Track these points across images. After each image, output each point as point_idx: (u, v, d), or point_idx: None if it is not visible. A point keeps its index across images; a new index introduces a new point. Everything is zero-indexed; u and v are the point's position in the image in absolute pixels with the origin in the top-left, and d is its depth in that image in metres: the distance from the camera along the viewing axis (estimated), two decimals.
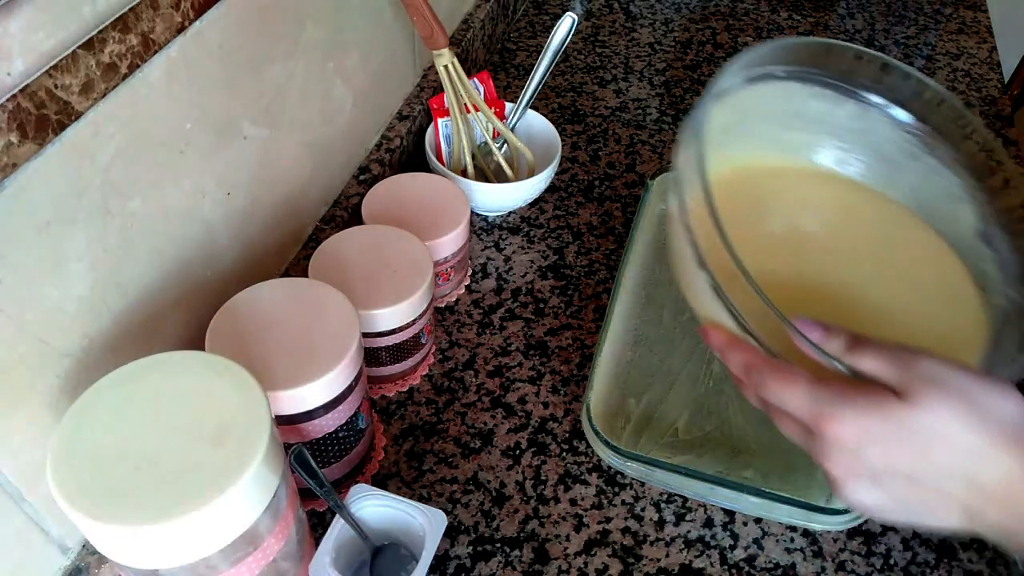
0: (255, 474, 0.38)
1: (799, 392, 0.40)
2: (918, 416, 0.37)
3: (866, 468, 0.39)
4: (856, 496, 0.40)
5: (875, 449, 0.38)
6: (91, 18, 0.40)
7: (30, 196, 0.40)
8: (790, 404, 0.41)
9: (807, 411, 0.40)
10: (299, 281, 0.54)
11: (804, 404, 0.40)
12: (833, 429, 0.39)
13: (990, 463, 0.37)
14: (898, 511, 0.40)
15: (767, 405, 0.44)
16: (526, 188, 0.76)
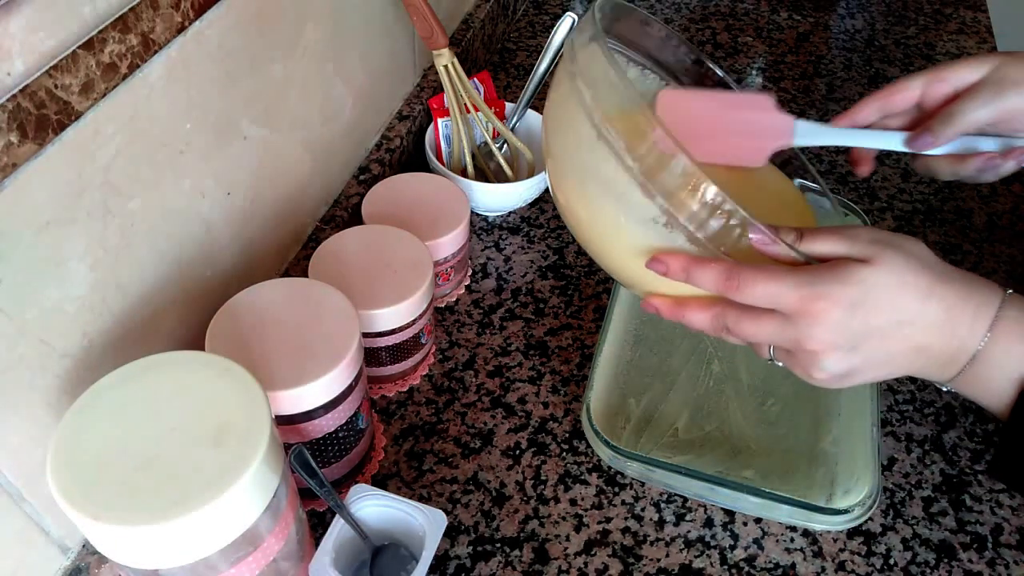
0: (255, 474, 0.38)
1: (788, 281, 0.42)
2: (885, 274, 0.42)
3: (848, 336, 0.42)
4: (835, 367, 0.44)
5: (859, 313, 0.42)
6: (91, 18, 0.40)
7: (30, 196, 0.40)
8: (778, 296, 0.43)
9: (796, 297, 0.42)
10: (299, 281, 0.54)
11: (793, 291, 0.42)
12: (820, 305, 0.42)
13: (935, 299, 0.43)
14: (864, 370, 0.44)
15: (743, 321, 0.45)
16: (526, 188, 0.76)
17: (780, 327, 0.44)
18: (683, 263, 0.45)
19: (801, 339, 0.43)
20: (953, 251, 0.82)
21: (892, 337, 0.43)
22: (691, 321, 0.47)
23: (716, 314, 0.46)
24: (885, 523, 0.60)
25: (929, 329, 0.43)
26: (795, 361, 0.45)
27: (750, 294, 0.43)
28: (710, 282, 0.44)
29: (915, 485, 0.62)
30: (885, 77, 1.05)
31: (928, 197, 0.88)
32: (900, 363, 0.45)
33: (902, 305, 0.43)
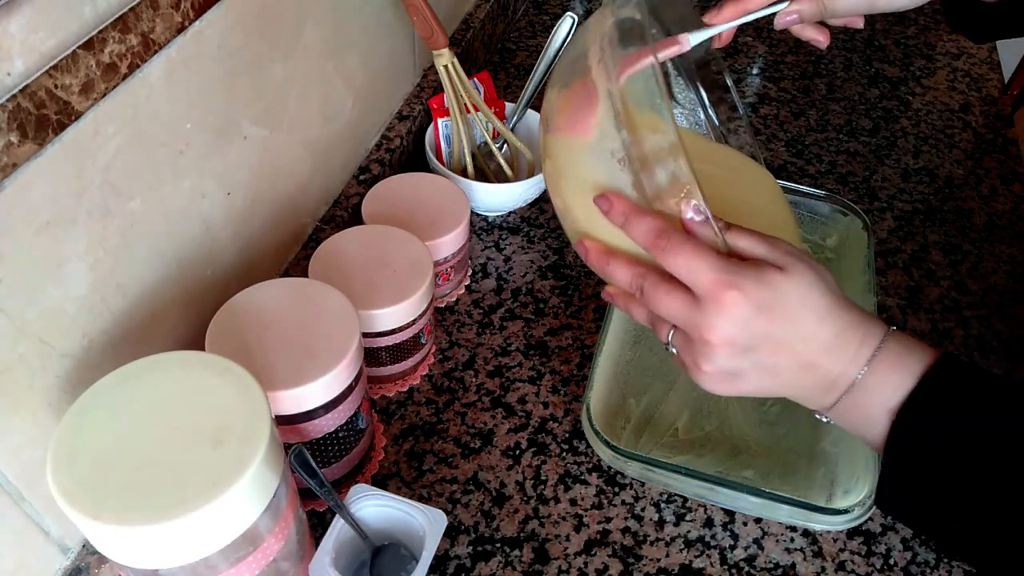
0: (255, 474, 0.38)
1: (709, 259, 0.43)
2: (795, 286, 0.43)
3: (746, 335, 0.43)
4: (725, 363, 0.45)
5: (763, 316, 0.43)
6: (91, 18, 0.40)
7: (30, 196, 0.40)
8: (698, 271, 0.43)
9: (713, 279, 0.43)
10: (299, 281, 0.54)
11: (712, 272, 0.43)
12: (732, 296, 0.43)
13: (830, 321, 0.44)
14: (749, 376, 0.45)
15: (659, 288, 0.45)
16: (526, 188, 0.76)
17: (688, 307, 0.44)
18: (626, 206, 0.45)
19: (702, 325, 0.44)
20: (953, 251, 0.82)
21: (785, 350, 0.44)
22: (612, 272, 0.47)
23: (638, 273, 0.46)
24: (885, 523, 0.60)
25: (819, 349, 0.44)
26: (689, 350, 0.46)
27: (673, 259, 0.44)
28: (642, 234, 0.45)
29: None
30: (885, 77, 1.05)
31: (928, 197, 0.88)
32: (785, 379, 0.46)
33: (802, 319, 0.44)
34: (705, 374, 0.46)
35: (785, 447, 0.63)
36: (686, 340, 0.46)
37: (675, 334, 0.47)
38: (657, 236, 0.44)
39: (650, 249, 0.45)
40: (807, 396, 0.47)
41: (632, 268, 0.47)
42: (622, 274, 0.47)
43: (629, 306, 0.50)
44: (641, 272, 0.46)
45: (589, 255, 0.49)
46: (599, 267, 0.49)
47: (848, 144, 0.94)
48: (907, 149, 0.94)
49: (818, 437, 0.63)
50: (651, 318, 0.48)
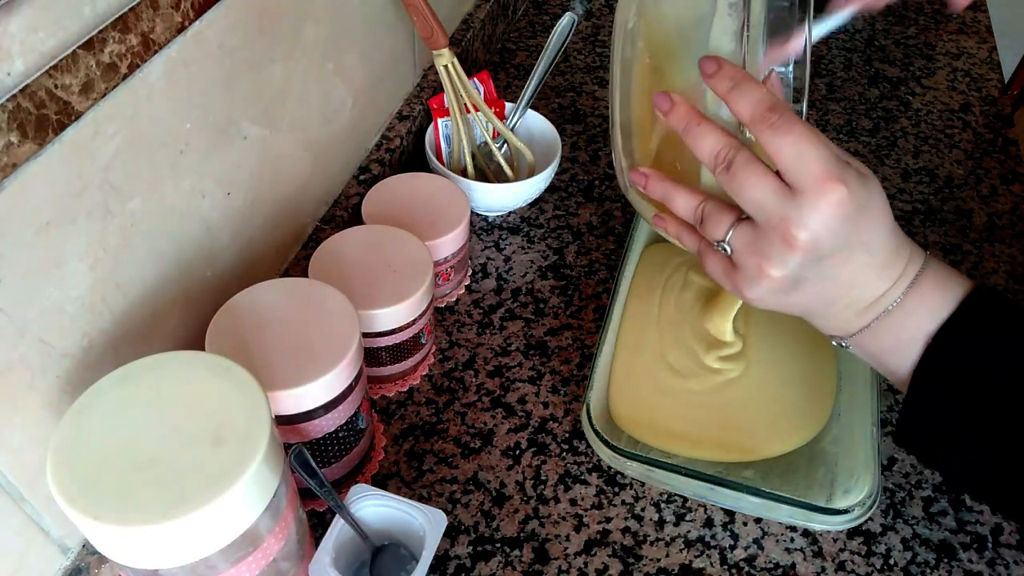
0: (255, 474, 0.38)
1: (821, 147, 0.41)
2: (880, 193, 0.42)
3: (831, 241, 0.41)
4: (794, 269, 0.43)
5: (853, 220, 0.41)
6: (91, 18, 0.40)
7: (30, 196, 0.40)
8: (807, 157, 0.40)
9: (821, 169, 0.40)
10: (299, 281, 0.54)
11: (822, 161, 0.40)
12: (838, 192, 0.40)
13: (892, 236, 0.43)
14: (806, 287, 0.44)
15: (754, 164, 0.42)
16: (526, 188, 0.76)
17: (780, 196, 0.41)
18: (736, 71, 0.42)
19: (792, 220, 0.41)
20: (953, 251, 0.82)
21: (853, 261, 0.42)
22: (701, 135, 0.44)
23: (730, 144, 0.43)
24: (885, 523, 0.60)
25: (877, 264, 0.43)
26: (755, 250, 0.43)
27: (782, 138, 0.40)
28: (753, 100, 0.41)
29: (915, 485, 0.62)
30: (885, 77, 1.05)
31: (928, 197, 0.88)
32: (834, 294, 0.44)
33: (878, 229, 0.42)
34: (767, 279, 0.43)
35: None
36: (757, 238, 0.43)
37: (738, 231, 0.44)
38: (769, 108, 0.41)
39: (755, 123, 0.41)
40: (838, 317, 0.45)
41: (725, 136, 0.43)
42: (711, 140, 0.43)
43: (670, 191, 0.46)
44: (734, 144, 0.43)
45: (676, 110, 0.45)
46: (689, 126, 0.44)
47: (848, 144, 0.94)
48: (907, 149, 0.94)
49: (818, 437, 0.63)
50: (702, 212, 0.45)
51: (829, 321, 0.46)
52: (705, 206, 0.46)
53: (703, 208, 0.46)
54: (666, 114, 0.46)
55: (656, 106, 0.46)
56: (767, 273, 0.43)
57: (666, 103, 0.46)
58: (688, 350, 0.68)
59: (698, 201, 0.46)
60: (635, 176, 0.49)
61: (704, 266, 0.48)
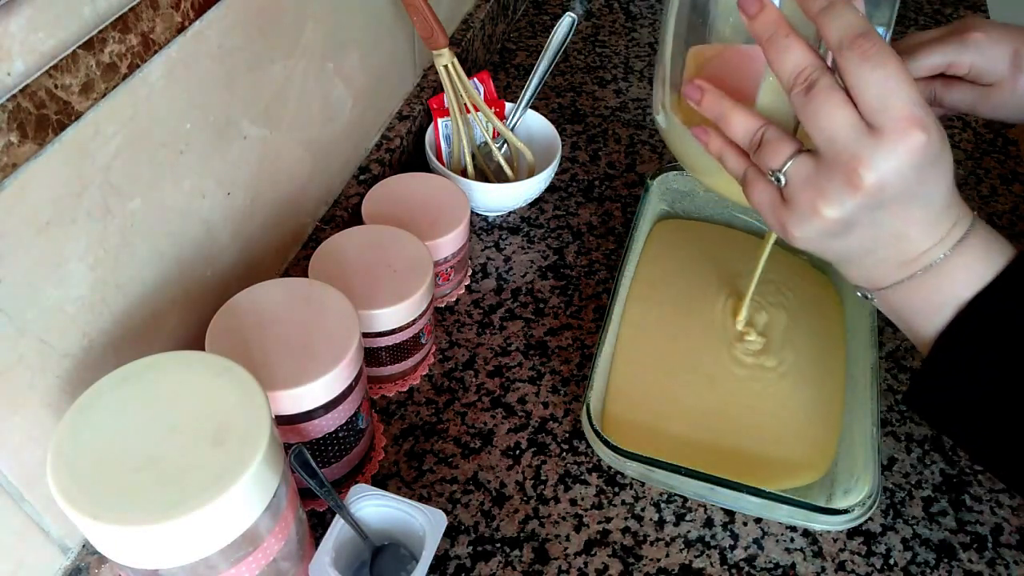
0: (255, 474, 0.38)
1: (911, 87, 0.38)
2: (947, 146, 0.40)
3: (897, 186, 0.39)
4: (850, 213, 0.41)
5: (925, 170, 0.39)
6: (91, 18, 0.40)
7: (30, 196, 0.40)
8: (896, 95, 0.38)
9: (908, 111, 0.38)
10: (299, 281, 0.54)
11: (910, 102, 0.38)
12: (919, 138, 0.38)
13: (949, 192, 0.41)
14: (854, 233, 0.42)
15: (834, 91, 0.40)
16: (526, 188, 0.76)
17: (858, 131, 0.39)
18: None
19: (864, 159, 0.38)
20: None
21: (909, 212, 0.41)
22: (788, 48, 0.41)
23: (816, 64, 0.40)
24: (885, 523, 0.60)
25: (927, 219, 0.41)
26: (813, 186, 0.41)
27: (872, 71, 0.38)
28: (846, 24, 0.38)
29: (915, 485, 0.62)
30: None
31: None
32: (880, 243, 0.42)
33: (942, 183, 0.40)
34: (819, 219, 0.41)
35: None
36: (819, 172, 0.40)
37: (798, 162, 0.41)
38: (862, 35, 0.38)
39: (844, 49, 0.38)
40: (873, 267, 0.43)
41: (811, 54, 0.40)
42: (797, 57, 0.40)
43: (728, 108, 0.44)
44: (819, 66, 0.40)
45: (766, 17, 0.42)
46: (776, 40, 0.41)
47: None
48: None
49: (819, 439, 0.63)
50: (760, 136, 0.43)
51: (863, 271, 0.44)
52: (767, 131, 0.43)
53: (764, 132, 0.43)
54: (752, 18, 0.42)
55: (742, 8, 0.42)
56: (821, 212, 0.41)
57: (755, 5, 0.42)
58: (690, 352, 0.68)
59: (759, 124, 0.44)
60: (689, 89, 0.45)
61: (748, 195, 0.46)
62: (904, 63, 0.39)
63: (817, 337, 0.69)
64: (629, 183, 0.87)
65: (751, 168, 0.45)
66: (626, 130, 0.93)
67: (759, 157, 0.44)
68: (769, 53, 0.42)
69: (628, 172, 0.88)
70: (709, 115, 0.46)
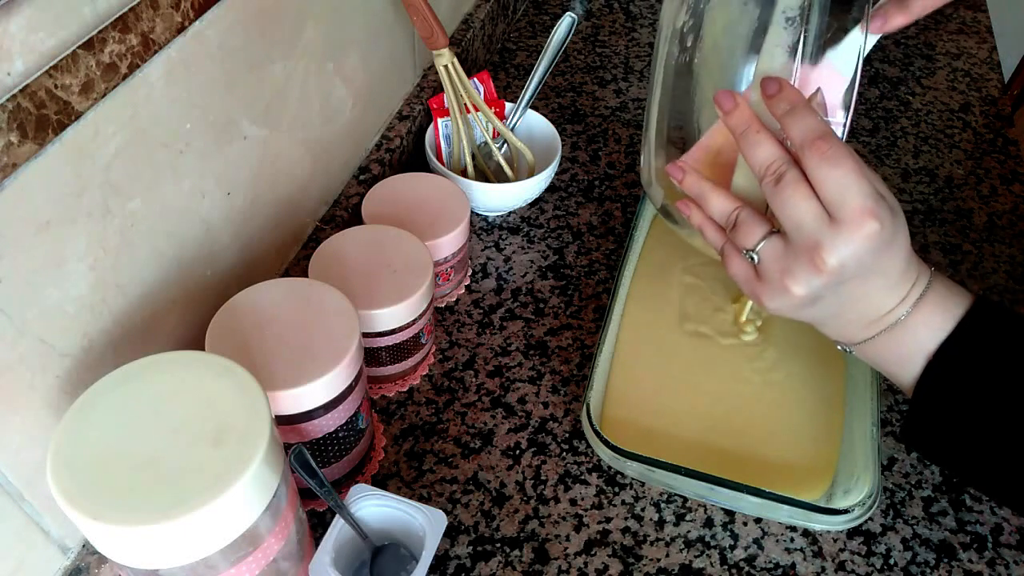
0: (255, 474, 0.38)
1: (864, 183, 0.42)
2: (903, 225, 0.44)
3: (854, 268, 0.43)
4: (816, 290, 0.44)
5: (879, 252, 0.43)
6: (91, 18, 0.40)
7: (30, 196, 0.40)
8: (851, 189, 0.42)
9: (860, 204, 0.42)
10: (299, 281, 0.54)
11: (862, 196, 0.42)
12: (872, 228, 0.42)
13: (907, 261, 0.45)
14: (824, 304, 0.46)
15: (801, 184, 0.43)
16: (526, 188, 0.76)
17: (820, 220, 0.43)
18: (797, 96, 0.44)
19: (825, 247, 0.43)
20: (953, 251, 0.82)
21: (869, 283, 0.45)
22: (758, 143, 0.45)
23: (784, 158, 0.45)
24: (885, 523, 0.60)
25: (888, 285, 0.45)
26: (781, 265, 0.45)
27: (830, 169, 0.42)
28: (807, 127, 0.43)
29: (915, 485, 0.62)
30: (885, 77, 1.05)
31: (928, 197, 0.88)
32: (845, 309, 0.46)
33: (898, 258, 0.44)
34: (788, 295, 0.45)
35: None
36: (787, 254, 0.45)
37: (769, 243, 0.46)
38: (820, 138, 0.43)
39: (806, 149, 0.43)
40: (843, 328, 0.47)
41: (778, 146, 0.45)
42: (766, 150, 0.45)
43: (707, 191, 0.48)
44: (785, 158, 0.44)
45: (737, 112, 0.46)
46: (745, 128, 0.46)
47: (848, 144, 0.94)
48: (907, 149, 0.94)
49: (819, 439, 0.63)
50: (735, 218, 0.47)
51: (837, 331, 0.48)
52: (740, 213, 0.47)
53: (738, 214, 0.48)
54: (727, 113, 0.47)
55: (718, 103, 0.48)
56: (789, 289, 0.45)
57: (729, 102, 0.47)
58: (690, 353, 0.68)
59: (734, 207, 0.48)
60: (672, 168, 0.50)
61: (727, 267, 0.50)
62: (858, 160, 0.43)
63: (817, 337, 0.69)
64: (629, 183, 0.87)
65: (728, 244, 0.50)
66: (626, 130, 0.93)
67: (734, 236, 0.48)
68: (742, 145, 0.47)
69: (628, 172, 0.88)
70: (689, 194, 0.51)
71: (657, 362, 0.67)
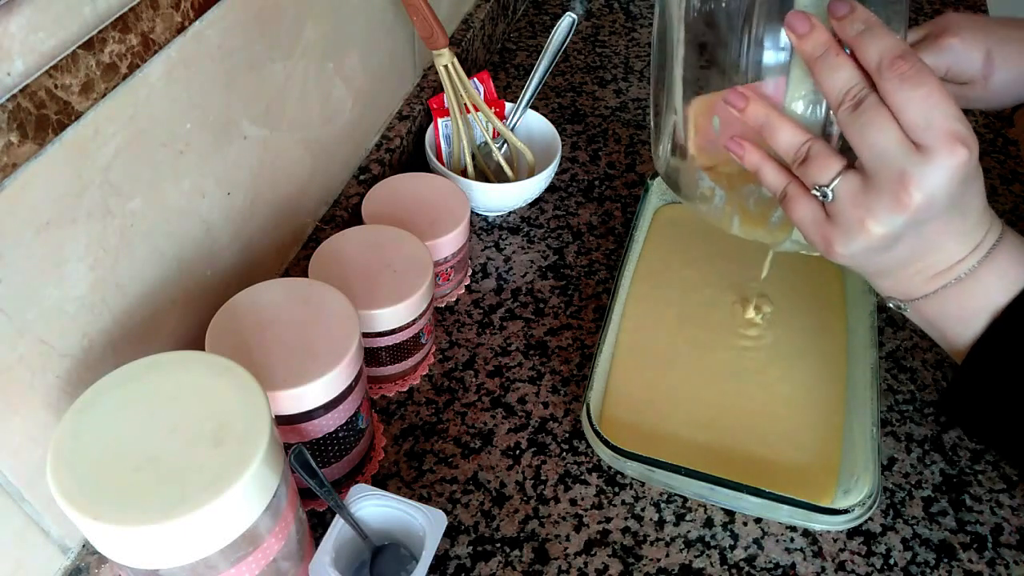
0: (255, 474, 0.38)
1: (952, 104, 0.38)
2: (979, 165, 0.41)
3: (943, 201, 0.40)
4: (897, 228, 0.41)
5: (968, 183, 0.40)
6: (91, 18, 0.40)
7: (30, 196, 0.40)
8: (939, 112, 0.38)
9: (951, 128, 0.38)
10: (299, 281, 0.54)
11: (953, 119, 0.38)
12: (963, 155, 0.38)
13: (984, 204, 0.43)
14: (893, 252, 0.42)
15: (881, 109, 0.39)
16: (526, 188, 0.76)
17: (905, 148, 0.39)
18: (869, 16, 0.40)
19: (913, 176, 0.39)
20: None
21: (950, 225, 0.41)
22: (838, 67, 0.41)
23: (864, 82, 0.40)
24: (885, 523, 0.60)
25: (963, 230, 0.42)
26: (862, 202, 0.41)
27: (913, 90, 0.38)
28: (884, 46, 0.39)
29: (915, 485, 0.62)
30: None
31: None
32: (918, 256, 0.42)
33: (980, 195, 0.42)
34: (865, 236, 0.41)
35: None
36: (866, 190, 0.40)
37: (846, 179, 0.41)
38: (900, 56, 0.38)
39: (884, 71, 0.39)
40: (907, 280, 0.44)
41: (860, 76, 0.40)
42: (844, 75, 0.40)
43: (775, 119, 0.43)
44: (867, 84, 0.40)
45: (815, 33, 0.41)
46: (824, 56, 0.41)
47: None
48: None
49: (819, 439, 0.63)
50: (807, 151, 0.42)
51: (898, 283, 0.44)
52: (813, 145, 0.42)
53: (810, 146, 0.43)
54: (801, 37, 0.42)
55: (790, 27, 0.42)
56: (868, 229, 0.41)
57: (804, 25, 0.41)
58: (690, 353, 0.68)
59: (806, 137, 0.43)
60: (733, 96, 0.44)
61: (790, 211, 0.45)
62: (939, 80, 0.39)
63: (818, 337, 0.69)
64: (629, 183, 0.87)
65: (793, 183, 0.45)
66: (626, 130, 0.93)
67: (805, 171, 0.43)
68: (819, 71, 0.42)
69: (628, 172, 0.88)
70: (754, 123, 0.45)
71: (657, 362, 0.67)
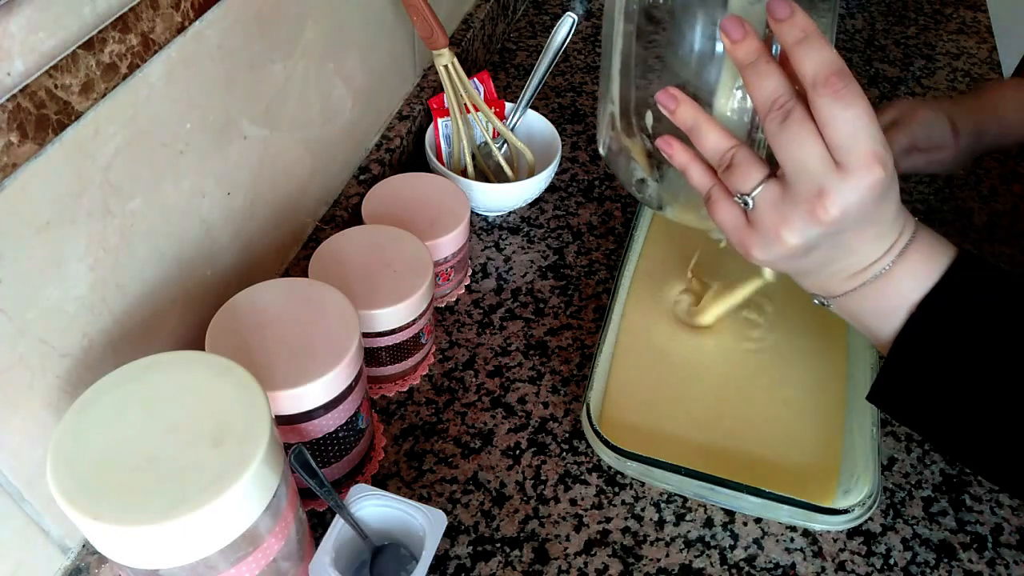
0: (255, 474, 0.38)
1: (875, 127, 0.40)
2: (894, 176, 0.42)
3: (855, 216, 0.41)
4: (812, 239, 0.42)
5: (880, 200, 0.41)
6: (91, 18, 0.40)
7: (30, 196, 0.40)
8: (862, 133, 0.39)
9: (870, 149, 0.39)
10: (299, 281, 0.54)
11: (873, 141, 0.39)
12: (878, 175, 0.39)
13: (897, 209, 0.44)
14: (814, 255, 0.44)
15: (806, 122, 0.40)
16: (526, 188, 0.76)
17: (826, 165, 0.40)
18: (809, 25, 0.40)
19: (830, 193, 0.40)
20: None
21: (863, 233, 0.43)
22: (767, 74, 0.41)
23: (791, 94, 0.41)
24: (885, 523, 0.60)
25: (877, 234, 0.43)
26: (777, 212, 0.42)
27: (844, 110, 0.39)
28: (821, 60, 0.39)
29: (915, 485, 0.62)
30: (885, 77, 1.05)
31: (928, 197, 0.88)
32: (834, 258, 0.44)
33: (893, 206, 0.43)
34: (781, 245, 0.42)
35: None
36: (784, 201, 0.41)
37: (767, 188, 0.42)
38: (835, 74, 0.39)
39: (818, 85, 0.39)
40: (826, 280, 0.45)
41: (784, 82, 0.41)
42: (771, 84, 0.41)
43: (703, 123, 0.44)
44: (791, 93, 0.40)
45: (743, 42, 0.42)
46: (749, 61, 0.42)
47: None
48: None
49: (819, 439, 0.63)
50: (731, 157, 0.43)
51: (818, 283, 0.46)
52: (737, 152, 0.43)
53: (734, 153, 0.43)
54: (735, 42, 0.42)
55: (724, 31, 0.42)
56: (783, 238, 0.42)
57: (738, 31, 0.42)
58: (690, 353, 0.68)
59: (731, 144, 0.44)
60: (663, 96, 0.45)
61: (713, 213, 0.46)
62: (868, 102, 0.40)
63: (818, 337, 0.69)
64: None
65: (717, 186, 0.46)
66: None
67: (728, 178, 0.44)
68: (749, 78, 0.42)
69: None
70: (682, 125, 0.46)
71: (657, 362, 0.67)
